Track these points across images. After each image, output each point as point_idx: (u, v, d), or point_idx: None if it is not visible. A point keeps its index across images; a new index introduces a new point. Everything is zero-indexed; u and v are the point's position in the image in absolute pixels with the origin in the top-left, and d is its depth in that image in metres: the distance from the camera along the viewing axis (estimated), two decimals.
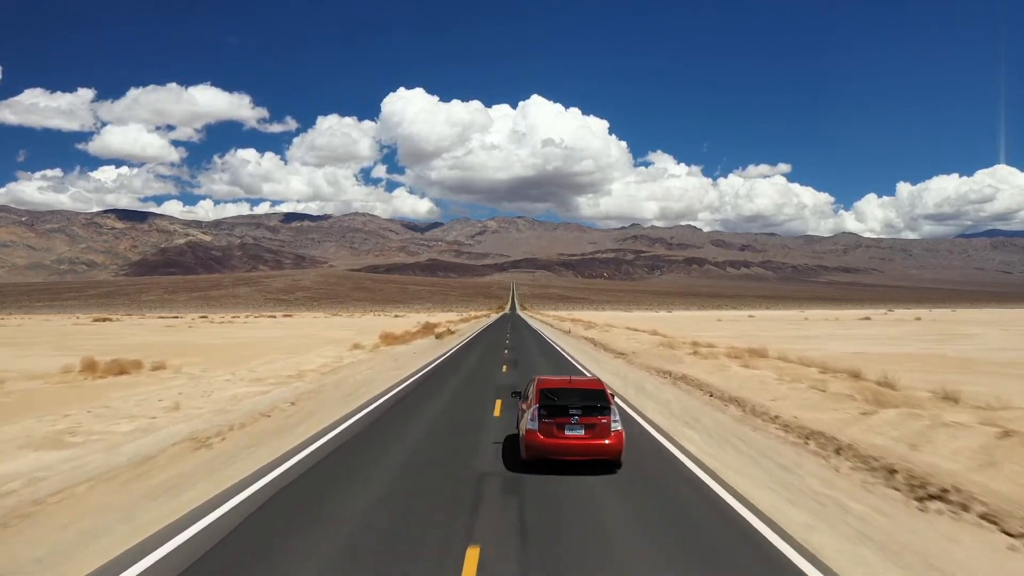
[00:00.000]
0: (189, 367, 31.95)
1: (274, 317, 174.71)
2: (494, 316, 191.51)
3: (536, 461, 12.02)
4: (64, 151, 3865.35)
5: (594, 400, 12.30)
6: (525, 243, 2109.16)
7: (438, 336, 55.52)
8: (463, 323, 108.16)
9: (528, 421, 12.28)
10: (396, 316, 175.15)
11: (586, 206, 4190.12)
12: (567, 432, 11.84)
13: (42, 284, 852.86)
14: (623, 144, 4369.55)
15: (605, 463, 12.08)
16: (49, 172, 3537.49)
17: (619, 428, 12.15)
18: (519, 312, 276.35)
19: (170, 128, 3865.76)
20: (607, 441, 11.87)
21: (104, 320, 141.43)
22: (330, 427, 16.70)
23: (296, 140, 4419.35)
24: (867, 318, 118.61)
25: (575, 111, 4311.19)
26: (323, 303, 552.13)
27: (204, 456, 13.39)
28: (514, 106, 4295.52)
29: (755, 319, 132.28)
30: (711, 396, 21.62)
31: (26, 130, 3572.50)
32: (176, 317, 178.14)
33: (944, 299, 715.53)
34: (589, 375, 24.31)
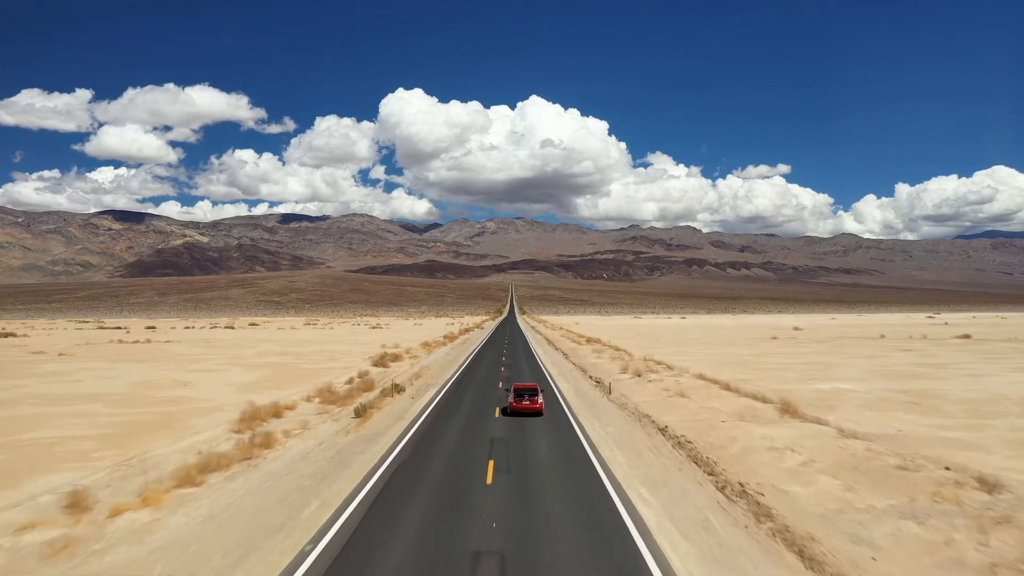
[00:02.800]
0: None
1: (231, 328, 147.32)
2: (489, 327, 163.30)
3: (512, 413, 28.92)
4: (61, 152, 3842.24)
5: (533, 390, 30.18)
6: (524, 244, 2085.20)
7: (360, 414, 27.59)
8: (444, 343, 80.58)
9: (509, 398, 30.05)
10: (374, 328, 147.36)
11: (585, 207, 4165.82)
12: (523, 402, 28.97)
13: (31, 286, 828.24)
14: (622, 145, 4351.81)
15: (537, 414, 29.08)
16: (46, 173, 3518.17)
17: (541, 401, 29.42)
18: (519, 320, 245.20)
19: (167, 129, 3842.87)
20: (536, 406, 28.89)
21: (6, 336, 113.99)
22: None
23: (294, 141, 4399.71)
24: (966, 336, 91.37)
25: (574, 112, 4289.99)
26: (316, 305, 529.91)
27: None
28: (513, 107, 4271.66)
29: (822, 339, 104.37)
30: None
31: (23, 131, 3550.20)
32: (119, 328, 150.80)
33: (951, 301, 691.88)
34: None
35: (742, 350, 68.43)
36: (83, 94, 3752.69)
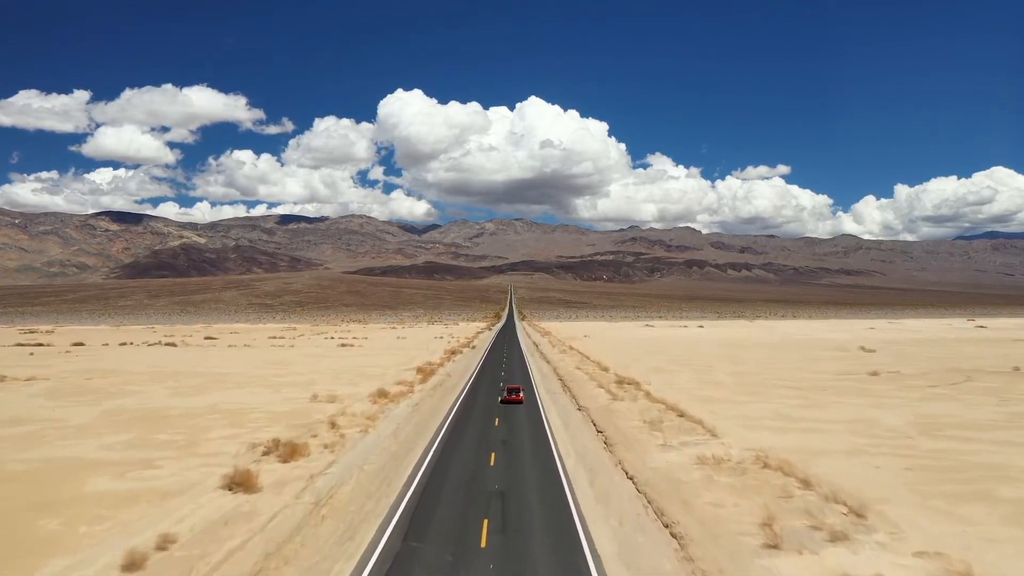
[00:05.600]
0: None
1: (173, 346, 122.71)
2: (484, 342, 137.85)
3: (504, 403, 46.97)
4: (59, 153, 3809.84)
5: (517, 389, 49.54)
6: (523, 245, 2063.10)
7: None
8: (412, 386, 55.79)
9: (504, 392, 49.93)
10: (344, 345, 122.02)
11: (584, 208, 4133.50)
12: (511, 396, 47.95)
13: (20, 288, 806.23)
14: (622, 146, 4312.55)
15: (519, 404, 47.28)
16: (44, 174, 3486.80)
17: (522, 395, 48.81)
18: (519, 329, 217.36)
19: (165, 130, 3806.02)
20: (520, 398, 47.94)
21: None
22: None
23: (293, 142, 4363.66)
24: None
25: (574, 113, 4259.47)
26: (309, 308, 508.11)
27: None
28: (512, 108, 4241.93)
29: None
30: None
31: (20, 131, 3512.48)
32: (40, 345, 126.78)
33: (958, 303, 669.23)
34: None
35: (875, 408, 43.46)
36: (81, 95, 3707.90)
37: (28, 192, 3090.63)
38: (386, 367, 76.21)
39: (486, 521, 21.24)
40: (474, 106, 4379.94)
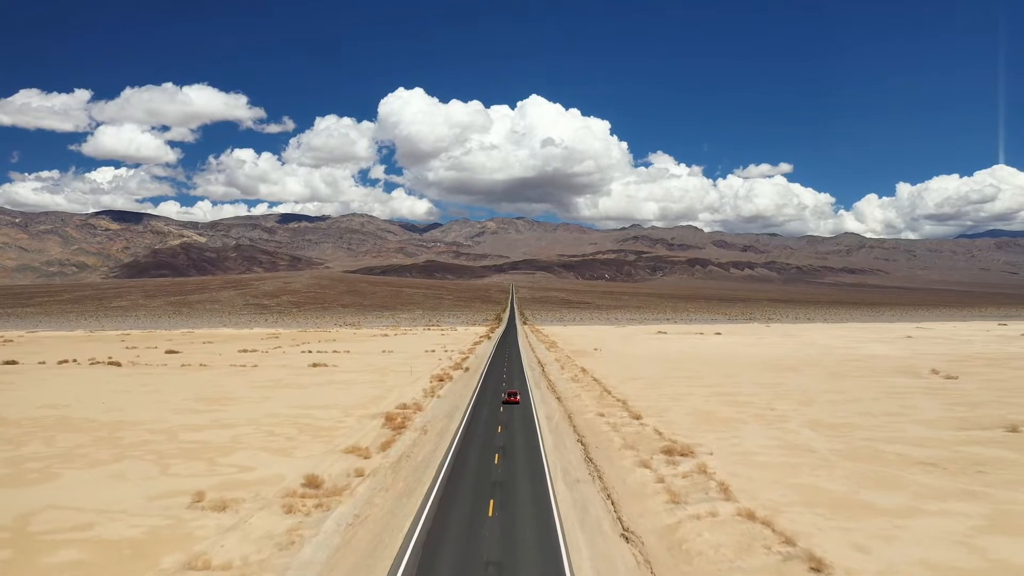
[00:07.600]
0: None
1: (116, 366, 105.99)
2: (481, 357, 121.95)
3: (504, 404, 63.60)
4: (59, 152, 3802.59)
5: (515, 392, 65.96)
6: (524, 244, 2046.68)
7: None
8: (366, 461, 38.28)
9: (503, 396, 66.57)
10: (315, 365, 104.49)
11: (585, 207, 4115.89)
12: (510, 398, 64.60)
13: (15, 288, 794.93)
14: (623, 145, 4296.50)
15: (518, 404, 63.65)
16: (44, 173, 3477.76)
17: (519, 397, 65.56)
18: (520, 339, 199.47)
19: (165, 129, 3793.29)
20: (517, 400, 64.55)
21: None
22: None
23: (293, 141, 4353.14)
24: None
25: (575, 111, 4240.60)
26: (306, 309, 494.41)
27: None
28: (513, 107, 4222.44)
29: None
30: None
31: (20, 131, 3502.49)
32: None
33: (965, 302, 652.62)
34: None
35: None
36: (81, 94, 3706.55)
37: (28, 191, 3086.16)
38: (348, 409, 59.27)
39: None
40: (475, 105, 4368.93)
